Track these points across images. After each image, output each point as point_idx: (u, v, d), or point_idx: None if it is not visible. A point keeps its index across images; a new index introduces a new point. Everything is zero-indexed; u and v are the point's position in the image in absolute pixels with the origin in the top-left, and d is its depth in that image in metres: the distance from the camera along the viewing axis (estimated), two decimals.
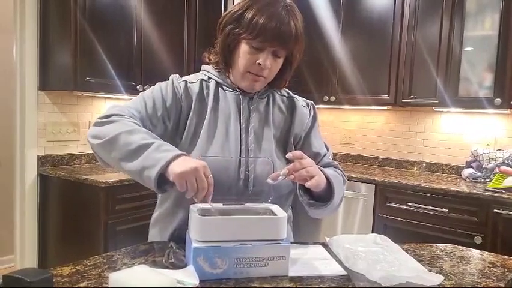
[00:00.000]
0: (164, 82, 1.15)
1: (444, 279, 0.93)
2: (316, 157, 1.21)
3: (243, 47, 1.09)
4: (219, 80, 1.17)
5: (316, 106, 1.28)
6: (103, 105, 2.88)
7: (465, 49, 2.66)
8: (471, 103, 2.66)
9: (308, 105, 1.26)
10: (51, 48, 2.47)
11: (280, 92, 1.25)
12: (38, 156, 2.56)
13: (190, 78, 1.18)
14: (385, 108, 3.22)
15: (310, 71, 3.22)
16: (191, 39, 2.99)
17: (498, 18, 2.52)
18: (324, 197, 1.09)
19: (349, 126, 3.55)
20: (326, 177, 1.06)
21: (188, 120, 1.12)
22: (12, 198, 2.60)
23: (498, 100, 2.52)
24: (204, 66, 1.22)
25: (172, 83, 1.14)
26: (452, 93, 2.69)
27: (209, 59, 1.21)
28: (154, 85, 1.16)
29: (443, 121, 3.08)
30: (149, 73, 2.71)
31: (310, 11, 3.22)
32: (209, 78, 1.18)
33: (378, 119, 3.39)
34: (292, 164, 0.98)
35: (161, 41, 2.79)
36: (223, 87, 1.17)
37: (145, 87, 2.65)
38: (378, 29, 2.99)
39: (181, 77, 1.18)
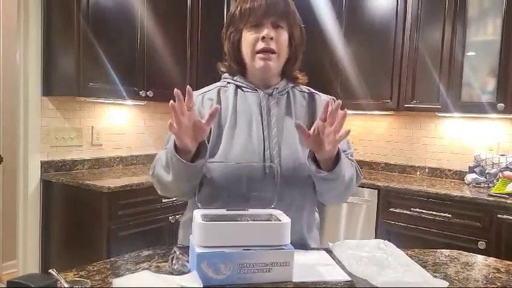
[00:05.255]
0: None
1: (449, 285, 0.92)
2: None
3: (245, 35, 1.16)
4: (237, 83, 1.21)
5: None
6: (105, 110, 2.89)
7: (467, 54, 2.66)
8: (474, 108, 2.66)
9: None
10: (55, 53, 2.49)
11: (301, 89, 1.29)
12: (41, 161, 2.56)
13: (206, 88, 1.24)
14: (387, 113, 3.21)
15: (312, 76, 3.17)
16: (194, 44, 3.00)
17: (500, 23, 2.52)
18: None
19: (351, 132, 3.53)
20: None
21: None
22: (15, 203, 2.60)
23: (501, 105, 2.52)
24: (223, 75, 1.27)
25: None
26: (455, 98, 2.69)
27: (222, 72, 1.27)
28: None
29: (446, 126, 3.08)
30: (152, 78, 2.71)
31: (313, 15, 3.22)
32: (228, 83, 1.23)
33: (381, 124, 3.39)
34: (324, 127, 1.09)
35: (164, 47, 2.80)
36: (243, 89, 1.21)
37: (147, 93, 2.65)
38: (381, 33, 2.99)
39: (190, 85, 1.23)
